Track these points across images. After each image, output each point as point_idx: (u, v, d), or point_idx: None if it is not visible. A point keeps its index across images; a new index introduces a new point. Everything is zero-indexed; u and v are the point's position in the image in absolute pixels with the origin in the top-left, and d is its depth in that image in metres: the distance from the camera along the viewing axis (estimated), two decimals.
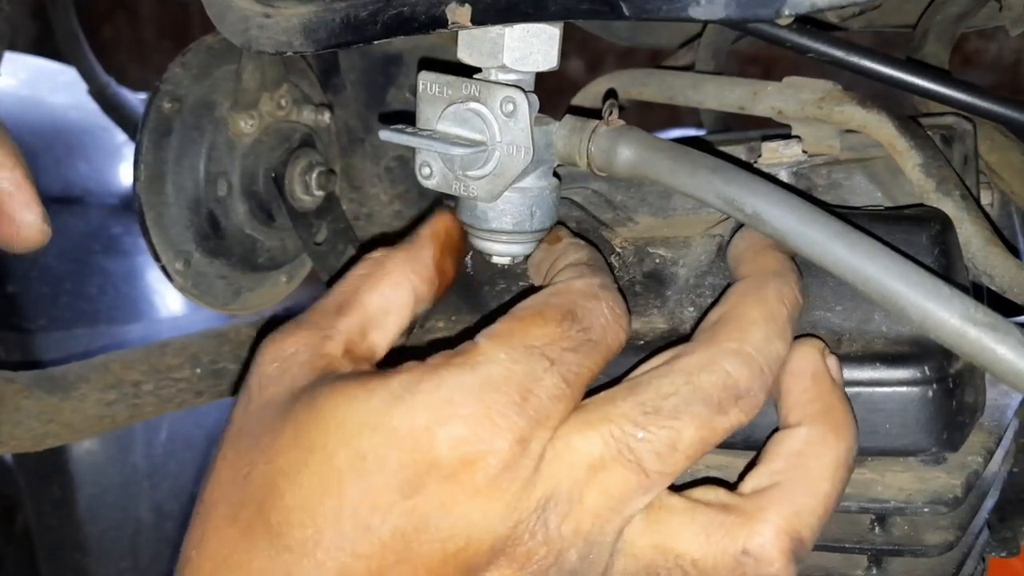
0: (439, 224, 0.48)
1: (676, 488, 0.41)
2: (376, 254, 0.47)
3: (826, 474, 0.40)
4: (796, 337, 0.43)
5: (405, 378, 0.39)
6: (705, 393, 0.40)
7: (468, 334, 0.41)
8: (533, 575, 0.38)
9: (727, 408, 0.40)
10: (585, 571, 0.39)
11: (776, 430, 0.42)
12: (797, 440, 0.41)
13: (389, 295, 0.45)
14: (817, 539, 0.46)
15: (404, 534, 0.38)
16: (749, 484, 0.41)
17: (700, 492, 0.41)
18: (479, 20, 0.44)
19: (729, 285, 0.44)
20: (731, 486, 0.42)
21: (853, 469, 0.42)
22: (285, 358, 0.43)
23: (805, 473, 0.40)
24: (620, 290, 0.44)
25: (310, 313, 0.45)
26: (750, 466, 0.42)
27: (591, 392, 0.41)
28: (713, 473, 0.46)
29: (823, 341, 0.44)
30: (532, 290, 0.44)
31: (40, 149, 1.37)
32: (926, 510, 0.44)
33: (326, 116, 0.74)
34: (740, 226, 0.47)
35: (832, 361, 0.43)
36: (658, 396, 0.40)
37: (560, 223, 0.50)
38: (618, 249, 0.51)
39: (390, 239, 0.49)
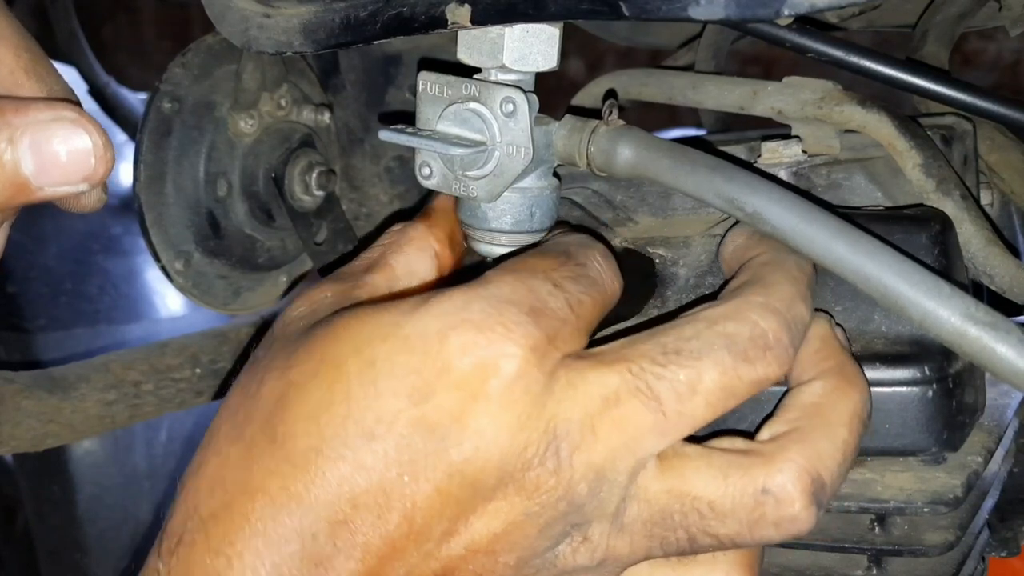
0: (446, 200, 0.49)
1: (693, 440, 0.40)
2: (396, 227, 0.48)
3: (843, 421, 0.40)
4: None
5: (417, 298, 0.39)
6: (730, 340, 0.38)
7: None
8: (542, 506, 0.37)
9: (754, 357, 0.39)
10: (595, 510, 0.38)
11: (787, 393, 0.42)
12: (812, 392, 0.41)
13: (414, 258, 0.46)
14: (816, 538, 0.46)
15: (410, 445, 0.36)
16: (766, 432, 0.40)
17: (716, 441, 0.40)
18: (479, 20, 0.44)
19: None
20: (749, 436, 0.41)
21: (868, 426, 0.41)
22: (314, 301, 0.43)
23: (823, 420, 0.40)
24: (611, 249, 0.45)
25: (338, 272, 0.46)
26: (764, 420, 0.41)
27: None
28: None
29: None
30: None
31: None
32: (926, 510, 0.44)
33: (326, 116, 0.74)
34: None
35: (839, 330, 0.43)
36: (679, 339, 0.39)
37: (562, 222, 0.50)
38: (618, 249, 0.51)
39: (405, 215, 0.50)
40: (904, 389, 0.44)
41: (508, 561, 0.38)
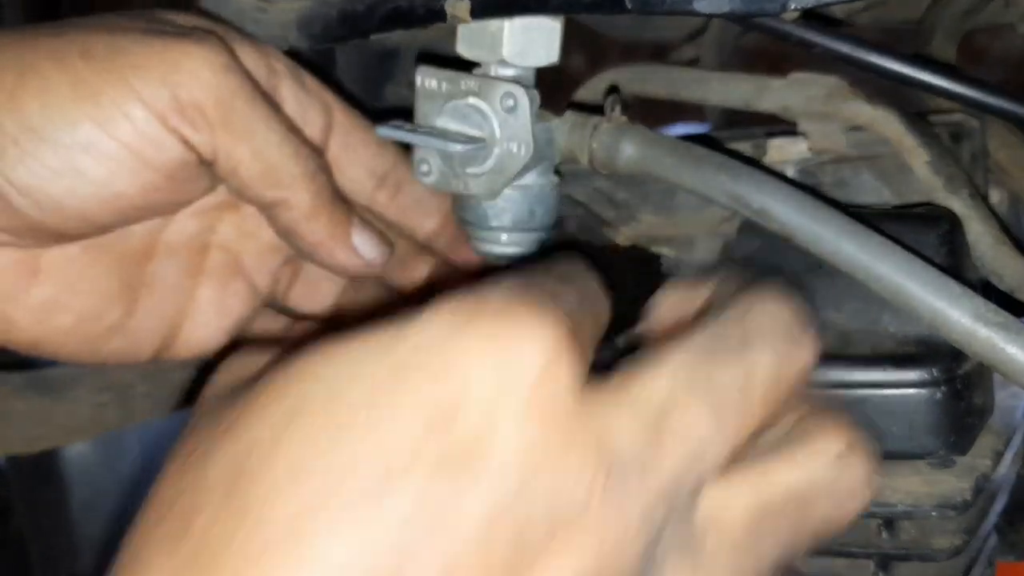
0: None
1: None
2: None
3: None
4: None
5: (409, 311, 0.29)
6: (772, 319, 0.34)
7: None
8: (612, 555, 0.28)
9: (798, 337, 0.34)
10: (669, 548, 0.30)
11: None
12: None
13: None
14: (824, 544, 0.46)
15: (435, 496, 0.27)
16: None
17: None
18: (478, 14, 0.44)
19: None
20: None
21: None
22: (247, 365, 0.34)
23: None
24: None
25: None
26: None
27: None
28: None
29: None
30: None
31: None
32: (934, 514, 0.43)
33: None
34: (745, 226, 0.47)
35: None
36: (720, 327, 0.33)
37: (562, 220, 0.50)
38: (621, 247, 0.51)
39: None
40: (912, 391, 0.43)
41: None
